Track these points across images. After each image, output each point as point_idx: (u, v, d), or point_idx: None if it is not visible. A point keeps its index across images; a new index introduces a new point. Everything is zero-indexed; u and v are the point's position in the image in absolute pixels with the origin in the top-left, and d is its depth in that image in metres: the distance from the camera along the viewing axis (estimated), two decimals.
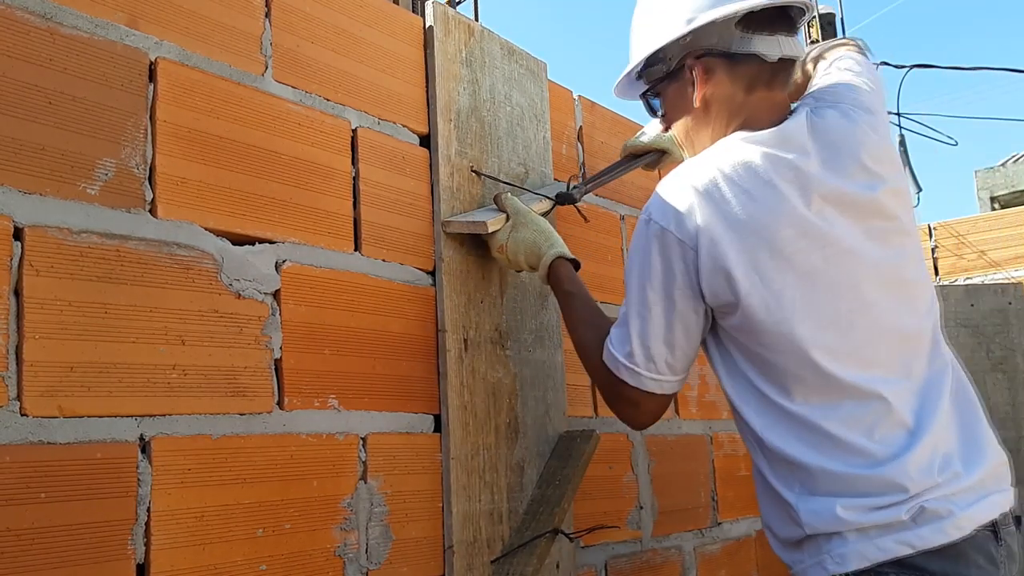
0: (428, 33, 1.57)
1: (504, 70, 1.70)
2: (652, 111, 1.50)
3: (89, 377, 1.02)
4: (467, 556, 1.42)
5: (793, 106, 1.39)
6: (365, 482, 1.31)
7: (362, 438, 1.32)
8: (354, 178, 1.40)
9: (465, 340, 1.50)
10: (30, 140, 1.01)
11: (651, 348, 1.28)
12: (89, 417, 1.02)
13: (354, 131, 1.41)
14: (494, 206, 1.56)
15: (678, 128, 1.44)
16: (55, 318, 1.00)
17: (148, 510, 1.05)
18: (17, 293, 0.98)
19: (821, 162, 1.26)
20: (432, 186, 1.52)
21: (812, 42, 6.83)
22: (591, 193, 1.79)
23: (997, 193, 13.12)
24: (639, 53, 1.41)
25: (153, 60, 1.15)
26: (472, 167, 1.59)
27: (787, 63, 1.36)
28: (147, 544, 1.05)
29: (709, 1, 1.32)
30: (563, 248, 1.48)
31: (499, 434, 1.52)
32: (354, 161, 1.40)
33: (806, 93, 1.42)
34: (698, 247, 1.23)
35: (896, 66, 2.98)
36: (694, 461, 2.07)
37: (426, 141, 1.54)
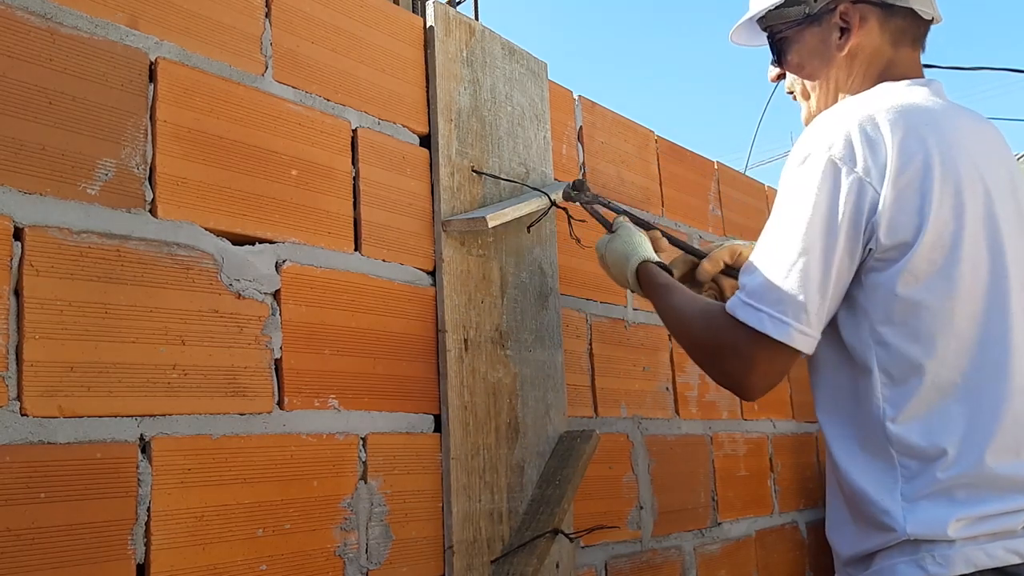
0: (428, 33, 1.57)
1: (505, 70, 1.70)
2: (776, 58, 1.40)
3: (89, 377, 1.02)
4: (467, 556, 1.42)
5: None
6: (365, 482, 1.31)
7: (362, 438, 1.32)
8: (354, 178, 1.40)
9: (465, 340, 1.50)
10: (30, 140, 1.01)
11: (805, 296, 1.13)
12: (89, 417, 1.02)
13: (354, 131, 1.41)
14: (494, 205, 1.56)
15: (812, 76, 1.36)
16: (55, 318, 1.00)
17: (148, 510, 1.05)
18: (17, 293, 0.98)
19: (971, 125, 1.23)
20: (432, 186, 1.52)
21: None
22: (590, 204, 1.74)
23: None
24: None
25: (153, 60, 1.15)
26: (473, 167, 1.59)
27: (928, 25, 1.32)
28: (147, 544, 1.05)
29: None
30: (647, 254, 1.42)
31: (499, 434, 1.53)
32: (354, 161, 1.40)
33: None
34: (883, 179, 1.12)
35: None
36: (694, 461, 2.07)
37: (426, 141, 1.54)
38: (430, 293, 1.48)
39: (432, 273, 1.49)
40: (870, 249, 1.15)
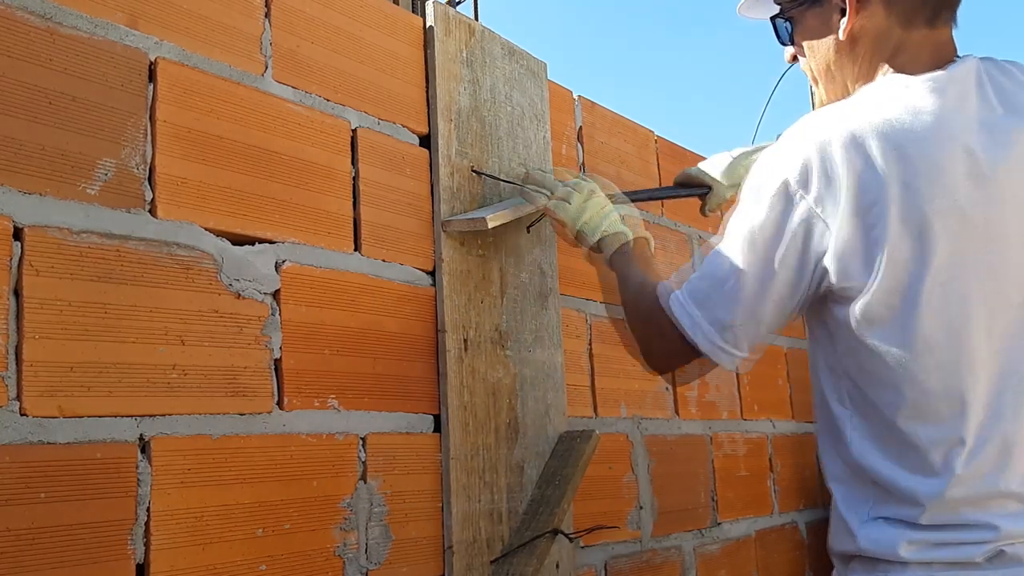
0: (428, 33, 1.57)
1: (504, 70, 1.70)
2: (780, 38, 1.33)
3: (89, 377, 1.02)
4: (467, 556, 1.42)
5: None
6: (365, 482, 1.31)
7: (362, 438, 1.32)
8: (354, 178, 1.40)
9: (465, 340, 1.50)
10: (30, 140, 1.01)
11: (732, 316, 1.13)
12: (89, 417, 1.02)
13: (354, 131, 1.41)
14: (493, 204, 1.56)
15: (815, 62, 1.27)
16: (55, 318, 1.00)
17: (148, 510, 1.05)
18: (17, 293, 0.98)
19: (980, 126, 1.08)
20: (432, 186, 1.52)
21: None
22: None
23: None
24: None
25: (153, 60, 1.15)
26: (472, 167, 1.59)
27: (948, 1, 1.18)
28: (147, 544, 1.05)
29: None
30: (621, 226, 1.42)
31: (499, 434, 1.53)
32: (354, 161, 1.40)
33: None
34: (836, 214, 1.06)
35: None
36: (694, 461, 2.07)
37: (426, 141, 1.53)
38: (430, 293, 1.48)
39: (432, 273, 1.49)
40: (825, 284, 1.11)
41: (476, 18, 7.82)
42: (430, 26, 1.57)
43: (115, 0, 1.12)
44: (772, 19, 1.32)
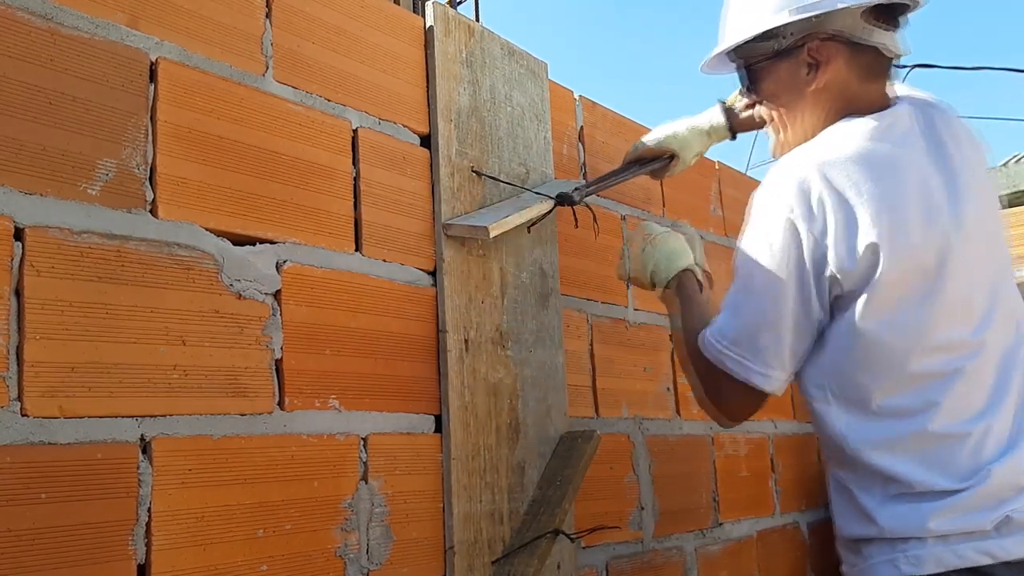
0: (428, 33, 1.57)
1: (505, 70, 1.70)
2: (745, 86, 1.46)
3: (90, 377, 1.02)
4: (468, 557, 1.42)
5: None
6: (366, 482, 1.31)
7: (363, 438, 1.32)
8: (355, 178, 1.40)
9: (466, 340, 1.49)
10: (31, 140, 1.01)
11: (761, 342, 1.27)
12: (90, 417, 1.02)
13: (355, 131, 1.41)
14: (494, 208, 1.55)
15: (781, 108, 1.42)
16: (56, 318, 1.00)
17: (149, 510, 1.05)
18: (18, 293, 0.98)
19: (928, 150, 1.29)
20: (433, 186, 1.52)
21: None
22: (594, 195, 1.77)
23: (999, 193, 13.11)
24: (751, 27, 1.37)
25: (154, 60, 1.15)
26: (473, 167, 1.58)
27: (892, 59, 1.37)
28: (148, 544, 1.05)
29: None
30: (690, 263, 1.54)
31: (500, 435, 1.52)
32: (355, 161, 1.40)
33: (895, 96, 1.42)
34: (826, 236, 1.22)
35: (897, 66, 2.98)
36: (695, 462, 2.07)
37: (427, 141, 1.53)
38: (430, 293, 1.48)
39: (432, 273, 1.49)
40: (835, 294, 1.24)
41: (476, 18, 7.82)
42: (430, 26, 1.57)
43: (116, 0, 1.12)
44: (744, 71, 1.45)
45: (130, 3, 1.14)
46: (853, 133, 1.29)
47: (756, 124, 1.67)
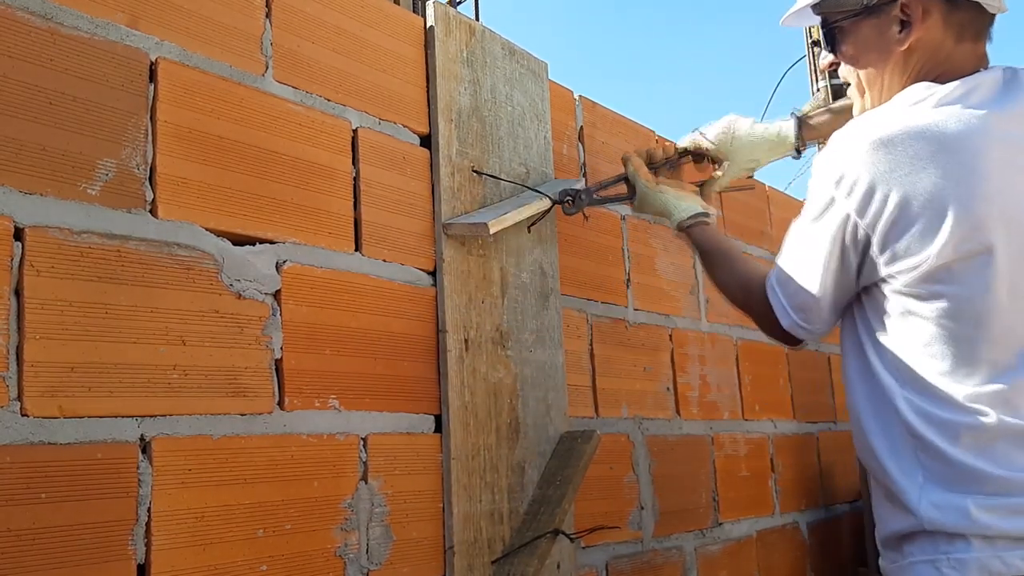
0: (429, 33, 1.57)
1: (505, 70, 1.70)
2: (828, 45, 1.36)
3: (90, 377, 1.02)
4: (468, 556, 1.42)
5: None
6: (366, 482, 1.31)
7: (363, 438, 1.32)
8: (355, 178, 1.40)
9: (466, 340, 1.50)
10: (31, 140, 1.01)
11: (803, 299, 1.27)
12: (90, 417, 1.02)
13: (355, 131, 1.41)
14: (495, 207, 1.55)
15: (865, 68, 1.31)
16: (56, 318, 1.00)
17: (149, 510, 1.05)
18: (18, 293, 0.98)
19: (1007, 120, 1.17)
20: (433, 186, 1.52)
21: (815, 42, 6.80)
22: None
23: None
24: None
25: (154, 60, 1.15)
26: (473, 167, 1.58)
27: (993, 16, 1.25)
28: (147, 544, 1.05)
29: None
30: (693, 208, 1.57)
31: (500, 434, 1.52)
32: (355, 161, 1.40)
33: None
34: (873, 217, 1.16)
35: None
36: (695, 462, 2.07)
37: (427, 141, 1.53)
38: (431, 293, 1.48)
39: (432, 273, 1.49)
40: (879, 272, 1.20)
41: (477, 18, 7.82)
42: (430, 26, 1.57)
43: (116, 0, 1.12)
44: (821, 28, 1.35)
45: (130, 3, 1.14)
46: (923, 100, 1.18)
47: (823, 135, 1.60)
